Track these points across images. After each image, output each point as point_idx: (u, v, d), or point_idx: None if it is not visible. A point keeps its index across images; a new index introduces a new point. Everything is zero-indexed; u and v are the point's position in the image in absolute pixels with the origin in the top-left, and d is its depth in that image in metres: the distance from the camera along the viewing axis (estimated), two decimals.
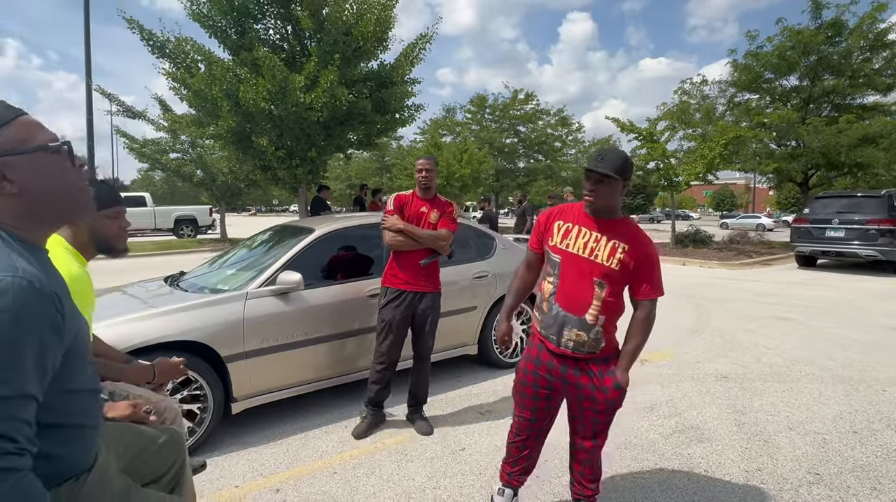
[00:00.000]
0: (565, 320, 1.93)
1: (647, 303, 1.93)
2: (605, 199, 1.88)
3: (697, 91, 17.22)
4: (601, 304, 1.89)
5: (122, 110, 13.26)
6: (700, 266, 11.70)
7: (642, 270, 1.89)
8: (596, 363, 1.97)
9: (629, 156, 1.92)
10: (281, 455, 2.92)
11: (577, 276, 1.92)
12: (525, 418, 2.14)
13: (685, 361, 4.57)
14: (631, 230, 1.92)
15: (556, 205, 2.14)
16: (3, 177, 0.88)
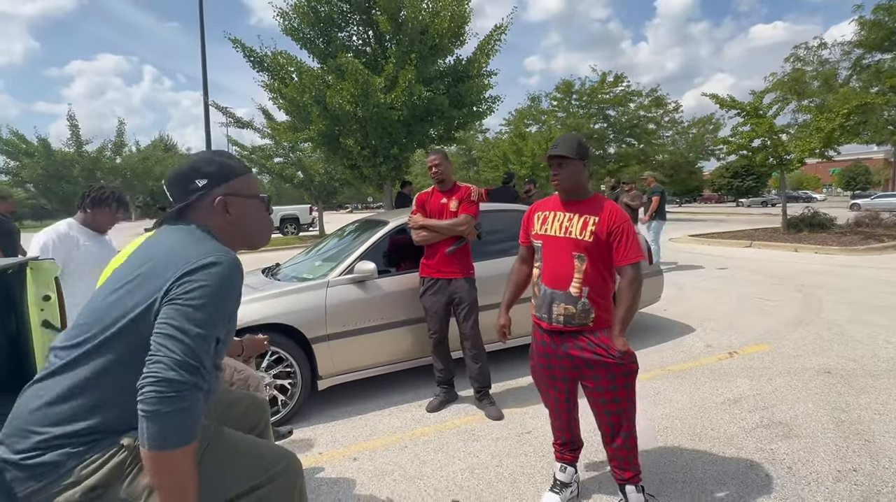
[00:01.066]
0: (553, 297, 2.09)
1: (628, 269, 2.02)
2: (569, 180, 2.09)
3: (814, 56, 15.30)
4: (582, 276, 2.04)
5: (234, 121, 14.76)
6: (815, 252, 10.47)
7: (615, 238, 2.02)
8: (593, 334, 2.06)
9: (580, 139, 2.13)
10: (360, 428, 3.20)
11: (557, 255, 2.09)
12: (549, 399, 2.29)
13: (782, 354, 4.22)
14: (599, 204, 2.09)
15: (541, 200, 2.32)
16: (226, 210, 1.30)
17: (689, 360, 4.18)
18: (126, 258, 1.31)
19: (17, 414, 1.15)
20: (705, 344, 4.61)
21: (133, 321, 1.12)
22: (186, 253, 1.16)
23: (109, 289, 1.20)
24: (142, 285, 1.15)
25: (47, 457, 1.08)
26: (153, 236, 1.31)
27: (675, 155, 31.60)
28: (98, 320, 1.16)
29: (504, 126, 30.98)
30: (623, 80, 27.03)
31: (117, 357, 1.13)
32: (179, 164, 1.33)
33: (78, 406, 1.11)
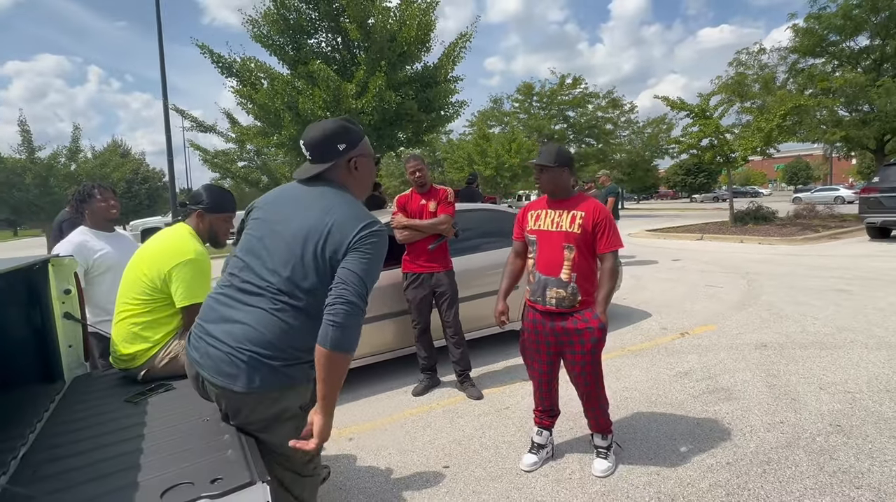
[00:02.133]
0: (546, 282, 2.44)
1: (608, 256, 2.39)
2: (552, 184, 2.45)
3: (755, 61, 16.43)
4: (571, 264, 2.39)
5: (195, 125, 14.57)
6: (759, 243, 11.35)
7: (599, 229, 2.38)
8: (579, 313, 2.42)
9: (560, 148, 2.47)
10: (353, 412, 3.47)
11: (550, 246, 2.44)
12: (535, 371, 2.65)
13: (726, 333, 4.73)
14: (584, 201, 2.45)
15: (531, 201, 2.67)
16: (355, 168, 1.59)
17: (645, 341, 4.64)
18: (277, 210, 1.56)
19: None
20: (660, 326, 5.09)
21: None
22: (355, 211, 1.48)
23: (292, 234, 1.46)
24: (332, 233, 1.43)
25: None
26: (300, 188, 1.57)
27: (632, 154, 32.97)
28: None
29: (467, 127, 31.52)
30: (581, 82, 28.05)
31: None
32: (322, 129, 1.57)
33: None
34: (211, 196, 2.16)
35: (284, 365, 1.43)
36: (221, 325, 1.46)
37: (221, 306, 1.50)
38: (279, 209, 1.56)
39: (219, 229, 2.19)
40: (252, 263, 1.50)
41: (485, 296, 4.29)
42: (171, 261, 2.00)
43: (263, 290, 1.44)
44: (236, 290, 1.50)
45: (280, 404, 1.46)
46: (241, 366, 1.39)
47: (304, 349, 1.43)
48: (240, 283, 1.50)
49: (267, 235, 1.51)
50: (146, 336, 2.02)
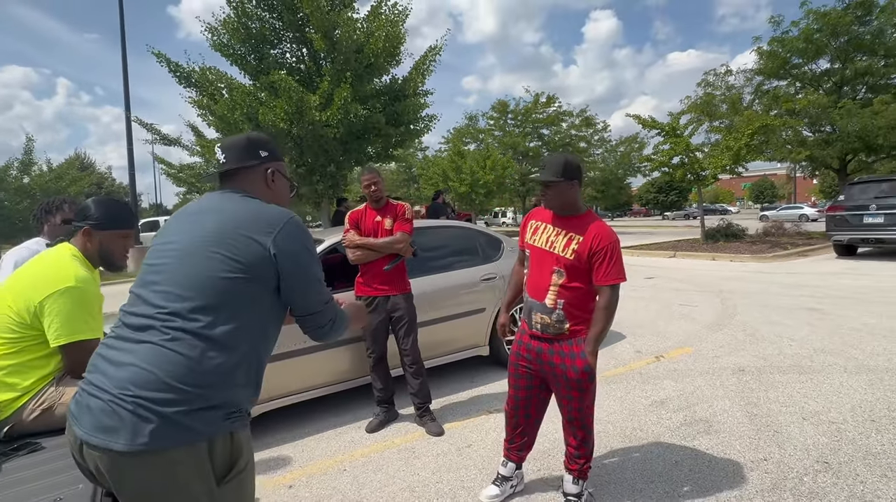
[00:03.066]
0: (532, 305, 2.21)
1: (605, 290, 2.09)
2: (557, 200, 2.15)
3: (722, 82, 16.81)
4: (558, 290, 2.13)
5: (160, 139, 14.01)
6: (731, 260, 11.37)
7: (597, 259, 2.07)
8: (567, 344, 2.16)
9: (568, 158, 2.14)
10: (297, 454, 3.08)
11: (539, 266, 2.19)
12: (517, 395, 2.37)
13: (702, 356, 4.52)
14: (588, 223, 2.13)
15: (539, 208, 2.37)
16: (272, 182, 1.46)
17: (620, 366, 4.38)
18: (174, 227, 1.34)
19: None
20: (635, 349, 4.85)
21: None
22: (268, 212, 1.32)
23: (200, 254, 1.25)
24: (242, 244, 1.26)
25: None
26: (203, 201, 1.39)
27: (606, 172, 33.41)
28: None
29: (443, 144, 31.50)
30: (555, 100, 28.42)
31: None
32: (245, 135, 1.47)
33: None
34: (101, 209, 1.80)
35: (184, 412, 1.10)
36: (105, 372, 1.15)
37: (109, 351, 1.20)
38: (175, 226, 1.34)
39: (114, 249, 1.83)
40: (142, 293, 1.24)
41: (447, 320, 3.99)
42: (44, 290, 1.63)
43: (152, 319, 1.17)
44: (125, 328, 1.21)
45: (180, 471, 1.11)
46: (123, 417, 1.08)
47: (210, 386, 1.14)
48: (128, 320, 1.22)
49: (160, 256, 1.28)
50: (12, 383, 1.64)
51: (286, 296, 1.30)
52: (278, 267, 1.25)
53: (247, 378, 1.23)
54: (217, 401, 1.14)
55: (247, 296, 1.21)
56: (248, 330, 1.21)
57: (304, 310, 1.34)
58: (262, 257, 1.23)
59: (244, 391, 1.23)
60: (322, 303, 1.36)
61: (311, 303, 1.34)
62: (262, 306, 1.25)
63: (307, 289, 1.32)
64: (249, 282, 1.21)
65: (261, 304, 1.24)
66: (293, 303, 1.33)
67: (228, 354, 1.16)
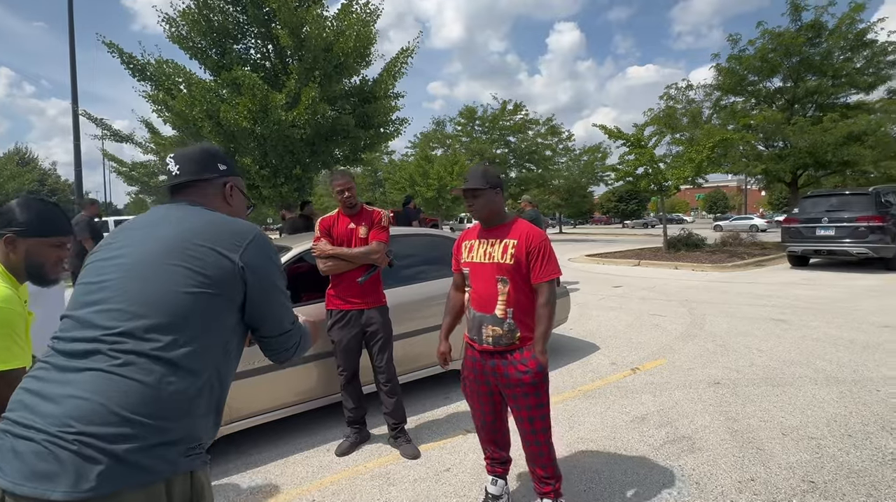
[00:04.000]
0: (482, 320, 2.20)
1: (543, 287, 2.15)
2: (486, 208, 2.22)
3: (683, 96, 17.38)
4: (506, 298, 2.15)
5: (110, 134, 13.19)
6: (692, 270, 11.65)
7: (533, 257, 2.14)
8: (519, 352, 2.17)
9: (487, 168, 2.26)
10: (257, 482, 2.81)
11: (483, 280, 2.21)
12: (477, 412, 2.38)
13: (677, 368, 4.49)
14: (518, 228, 2.21)
15: (466, 229, 2.45)
16: (230, 198, 1.35)
17: (597, 379, 4.30)
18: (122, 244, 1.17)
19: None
20: (610, 361, 4.79)
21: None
22: (231, 225, 1.21)
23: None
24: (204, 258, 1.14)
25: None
26: (152, 213, 1.24)
27: (570, 180, 33.96)
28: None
29: (410, 149, 31.29)
30: (522, 108, 28.69)
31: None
32: (200, 146, 1.35)
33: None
34: (28, 212, 1.52)
35: (138, 449, 0.95)
36: (35, 408, 0.95)
37: (38, 384, 0.99)
38: (121, 240, 1.18)
39: (44, 259, 1.55)
40: (82, 315, 1.06)
41: (420, 333, 3.80)
42: None
43: (97, 342, 1.01)
44: (59, 357, 1.03)
45: None
46: (63, 459, 0.91)
47: (169, 418, 1.00)
48: (64, 346, 1.04)
49: (102, 272, 1.12)
50: None
51: (252, 315, 1.19)
52: (246, 283, 1.15)
53: (208, 407, 1.10)
54: (176, 435, 1.00)
55: (210, 313, 1.09)
56: (211, 351, 1.09)
57: (271, 331, 1.25)
58: (229, 272, 1.12)
59: (205, 422, 1.09)
60: (289, 324, 1.28)
61: (277, 324, 1.25)
62: (225, 325, 1.13)
63: (275, 308, 1.23)
64: (214, 298, 1.09)
65: (224, 324, 1.13)
66: (259, 324, 1.22)
67: (190, 380, 1.03)
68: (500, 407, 2.36)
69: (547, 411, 2.22)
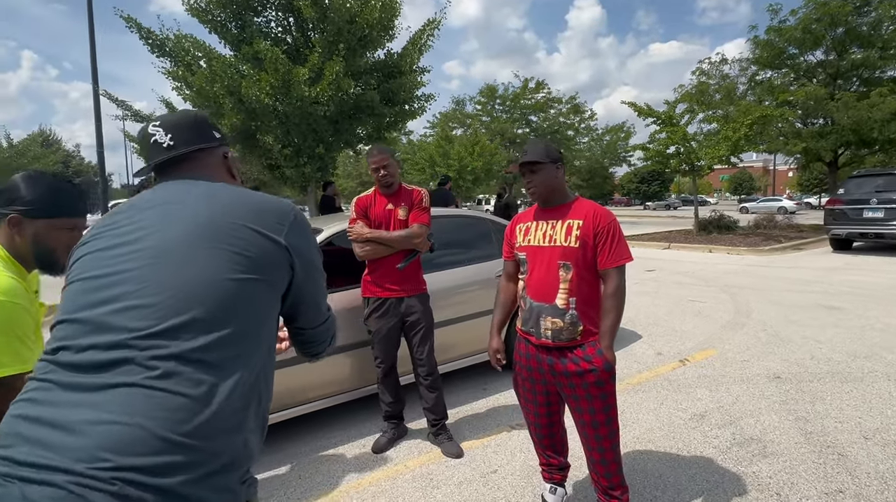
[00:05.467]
0: (539, 310, 1.96)
1: (612, 273, 1.91)
2: (544, 185, 1.98)
3: (716, 71, 16.56)
4: (568, 286, 1.91)
5: (131, 115, 13.10)
6: (727, 253, 11.18)
7: (601, 240, 1.91)
8: (581, 348, 1.93)
9: (548, 143, 2.05)
10: (292, 481, 2.63)
11: (541, 266, 1.97)
12: (530, 414, 2.14)
13: (731, 359, 4.18)
14: (584, 207, 1.98)
15: (522, 212, 2.24)
16: (232, 171, 1.16)
17: (644, 371, 4.02)
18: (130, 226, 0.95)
19: None
20: (655, 351, 4.50)
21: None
22: (267, 198, 1.04)
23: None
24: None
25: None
26: (157, 191, 1.01)
27: (591, 160, 33.18)
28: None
29: (428, 129, 30.79)
30: (544, 86, 27.93)
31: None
32: (186, 112, 1.13)
33: None
34: (36, 189, 1.29)
35: (193, 480, 0.76)
36: (47, 441, 0.74)
37: (43, 410, 0.77)
38: (131, 222, 0.95)
39: (55, 244, 1.32)
40: (92, 316, 0.84)
41: (459, 320, 3.55)
42: None
43: (124, 349, 0.80)
44: (65, 371, 0.80)
45: None
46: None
47: (222, 438, 0.81)
48: (72, 357, 0.81)
49: (114, 264, 0.89)
50: None
51: (294, 303, 1.03)
52: (293, 268, 0.99)
53: (257, 419, 0.92)
54: (229, 458, 0.82)
55: (257, 303, 0.91)
56: (259, 350, 0.91)
57: (311, 322, 1.09)
58: (276, 255, 0.95)
59: (256, 438, 0.92)
60: (327, 312, 1.14)
61: (319, 314, 1.11)
62: (270, 318, 0.95)
63: (318, 296, 1.09)
64: (260, 284, 0.91)
65: (269, 316, 0.95)
66: (301, 314, 1.07)
67: (242, 387, 0.85)
68: (557, 409, 2.12)
69: (614, 415, 1.97)
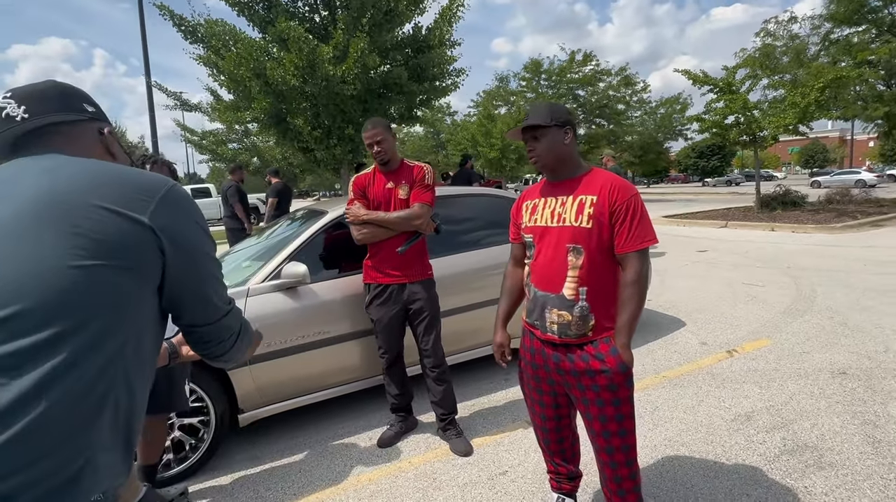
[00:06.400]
0: (544, 301, 1.70)
1: (631, 258, 1.61)
2: (549, 153, 1.69)
3: (784, 31, 15.02)
4: (578, 274, 1.63)
5: (179, 104, 13.53)
6: (792, 231, 10.23)
7: (618, 218, 1.61)
8: (593, 345, 1.65)
9: (553, 103, 1.75)
10: (292, 476, 2.52)
11: (548, 249, 1.70)
12: (536, 415, 1.90)
13: (787, 351, 3.72)
14: (598, 179, 1.67)
15: (529, 187, 1.94)
16: (111, 150, 0.99)
17: (684, 363, 3.64)
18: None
19: None
20: (699, 340, 4.08)
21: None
22: (132, 174, 0.85)
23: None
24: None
25: None
26: (4, 170, 0.83)
27: (644, 135, 31.48)
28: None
29: (472, 108, 30.20)
30: (592, 58, 26.59)
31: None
32: (44, 82, 0.94)
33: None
34: None
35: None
36: None
37: None
38: None
39: None
40: None
41: (476, 307, 3.31)
42: None
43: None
44: None
45: None
46: None
47: (46, 456, 0.69)
48: None
49: None
50: None
51: (172, 296, 0.86)
52: (164, 253, 0.82)
53: (114, 434, 0.76)
54: (60, 479, 0.68)
55: (113, 295, 0.75)
56: (112, 349, 0.75)
57: (200, 318, 0.92)
58: (134, 237, 0.78)
59: (110, 457, 0.76)
60: (225, 305, 0.95)
61: (209, 308, 0.92)
62: (137, 313, 0.80)
63: (206, 287, 0.91)
64: (111, 272, 0.75)
65: (133, 309, 0.79)
66: (184, 309, 0.90)
67: (83, 397, 0.71)
68: (566, 412, 1.85)
69: (629, 424, 1.68)
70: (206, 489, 2.45)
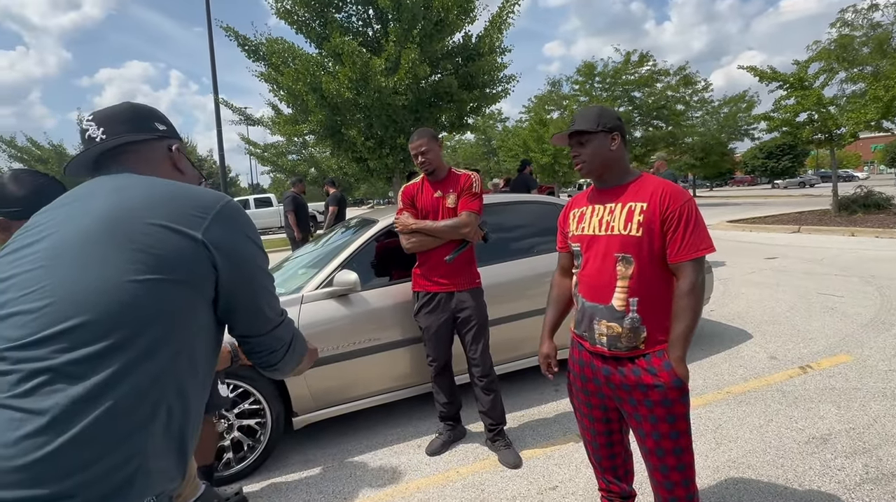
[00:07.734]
0: (593, 312, 1.64)
1: (686, 267, 1.53)
2: (595, 159, 1.63)
3: (864, 20, 13.87)
4: (628, 284, 1.56)
5: (243, 119, 14.32)
6: (876, 236, 9.38)
7: (671, 226, 1.53)
8: (645, 358, 1.57)
9: (603, 107, 1.69)
10: (342, 479, 2.57)
11: (596, 259, 1.64)
12: (586, 430, 1.81)
13: (869, 368, 3.40)
14: (649, 185, 1.61)
15: (578, 195, 1.86)
16: (180, 166, 1.05)
17: (751, 378, 3.41)
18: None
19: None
20: (768, 355, 3.82)
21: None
22: (194, 191, 0.91)
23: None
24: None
25: None
26: (83, 188, 0.92)
27: (706, 136, 29.99)
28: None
29: (524, 114, 29.95)
30: (649, 59, 25.72)
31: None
32: (120, 105, 1.03)
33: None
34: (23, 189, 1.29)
35: None
36: None
37: None
38: (42, 223, 0.87)
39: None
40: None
41: (527, 316, 3.27)
42: None
43: (1, 362, 0.74)
44: None
45: None
46: None
47: (102, 465, 0.72)
48: None
49: (12, 268, 0.82)
50: None
51: (228, 309, 0.90)
52: (217, 268, 0.85)
53: (167, 440, 0.79)
54: (116, 483, 0.71)
55: (169, 307, 0.79)
56: (170, 360, 0.79)
57: (253, 330, 0.96)
58: (192, 253, 0.82)
59: (164, 462, 0.79)
60: (277, 317, 0.99)
61: (261, 320, 0.96)
62: (191, 324, 0.84)
63: (259, 300, 0.94)
64: (174, 287, 0.80)
65: (191, 321, 0.83)
66: (237, 321, 0.93)
67: (137, 404, 0.75)
68: (618, 427, 1.77)
69: (685, 442, 1.58)
70: (261, 489, 2.55)
